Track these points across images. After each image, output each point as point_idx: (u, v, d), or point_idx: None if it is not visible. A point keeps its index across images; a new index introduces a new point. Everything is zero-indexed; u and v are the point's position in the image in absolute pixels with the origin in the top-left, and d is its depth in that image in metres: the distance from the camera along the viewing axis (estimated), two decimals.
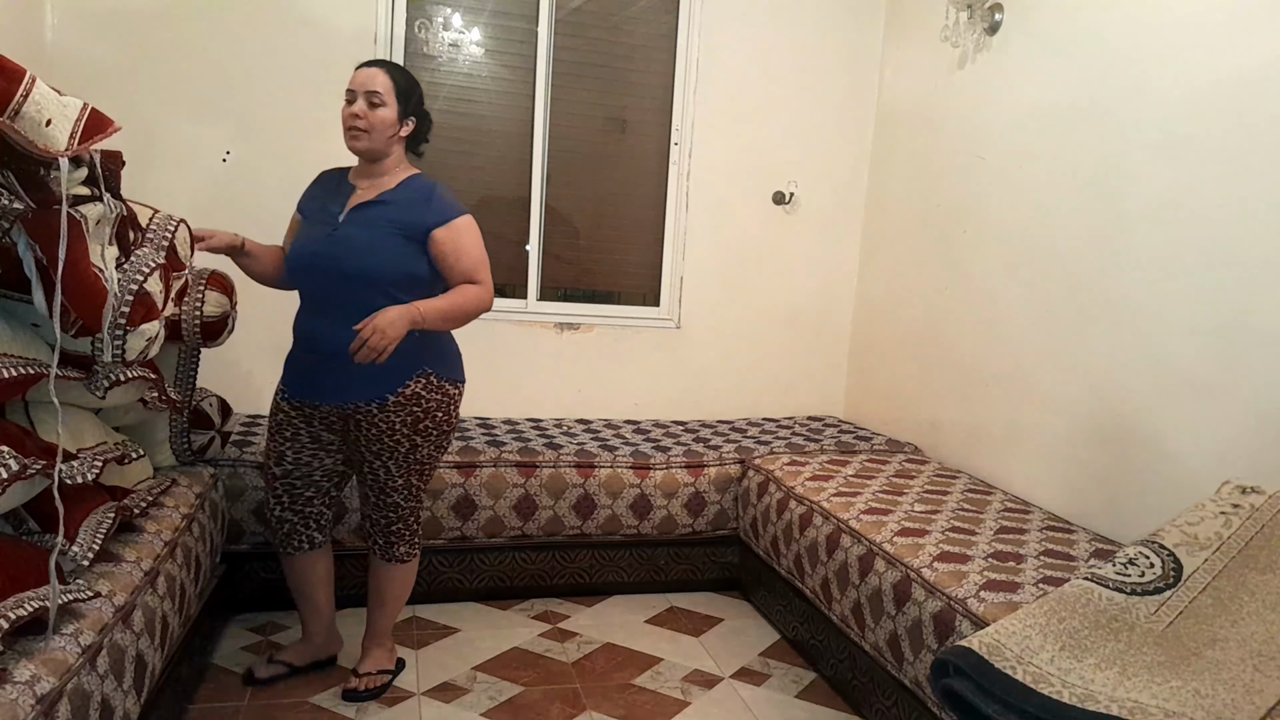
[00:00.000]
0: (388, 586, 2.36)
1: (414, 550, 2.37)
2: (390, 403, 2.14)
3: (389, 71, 2.15)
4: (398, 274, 2.11)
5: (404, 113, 2.16)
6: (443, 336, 2.24)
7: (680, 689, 2.53)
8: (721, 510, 3.18)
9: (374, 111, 2.11)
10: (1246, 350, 2.19)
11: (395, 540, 2.31)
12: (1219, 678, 1.47)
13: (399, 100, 2.14)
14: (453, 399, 2.26)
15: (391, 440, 2.18)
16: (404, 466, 2.22)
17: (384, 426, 2.15)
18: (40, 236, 1.33)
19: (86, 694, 1.45)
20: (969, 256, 3.24)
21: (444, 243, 2.14)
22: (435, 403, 2.19)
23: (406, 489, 2.27)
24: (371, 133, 2.12)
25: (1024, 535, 2.43)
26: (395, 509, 2.28)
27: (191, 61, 3.11)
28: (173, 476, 2.31)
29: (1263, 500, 1.86)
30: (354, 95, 2.12)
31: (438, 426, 2.23)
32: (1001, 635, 1.57)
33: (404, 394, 2.14)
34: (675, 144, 3.73)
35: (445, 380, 2.22)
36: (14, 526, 1.63)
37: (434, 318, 2.09)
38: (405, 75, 2.19)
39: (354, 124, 2.11)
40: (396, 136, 2.17)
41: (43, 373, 1.57)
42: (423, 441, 2.21)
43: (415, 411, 2.17)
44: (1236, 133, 2.23)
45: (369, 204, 2.16)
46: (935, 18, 3.38)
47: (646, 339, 3.80)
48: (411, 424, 2.17)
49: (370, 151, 2.15)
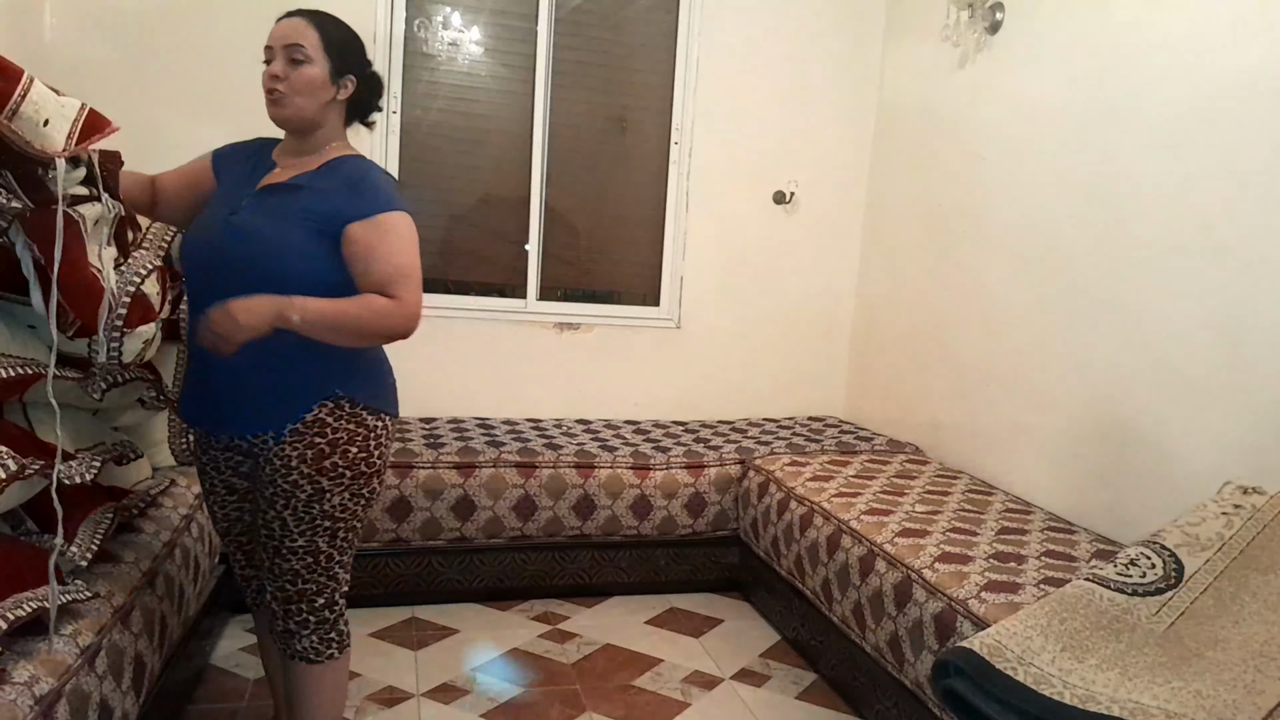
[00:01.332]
0: (296, 696, 1.79)
1: (326, 648, 1.76)
2: (288, 434, 1.65)
3: (313, 21, 1.70)
4: (304, 278, 1.62)
5: (337, 70, 1.70)
6: (364, 354, 1.74)
7: (680, 690, 2.52)
8: (722, 511, 3.18)
9: (296, 70, 1.66)
10: (1248, 350, 2.19)
11: (296, 629, 1.73)
12: (1220, 679, 1.47)
13: (329, 55, 1.69)
14: (373, 433, 1.72)
15: (288, 483, 1.66)
16: (304, 521, 1.68)
17: (279, 465, 1.66)
18: (38, 236, 1.33)
19: (85, 694, 1.45)
20: (970, 256, 3.23)
21: (357, 242, 1.63)
22: (346, 435, 1.68)
23: (310, 554, 1.70)
24: (294, 96, 1.66)
25: (1025, 536, 2.42)
26: (293, 580, 1.71)
27: (191, 61, 3.10)
28: (171, 477, 2.31)
29: (1264, 501, 1.85)
30: (271, 53, 1.68)
31: (350, 466, 1.69)
32: (1003, 636, 1.57)
33: (306, 423, 1.65)
34: (675, 143, 3.73)
35: (362, 408, 1.70)
36: (12, 527, 1.64)
37: (314, 320, 1.56)
38: (338, 25, 1.74)
39: (272, 86, 1.67)
40: (331, 101, 1.72)
41: (40, 373, 1.56)
42: (330, 486, 1.67)
43: (319, 445, 1.65)
44: (1237, 132, 2.23)
45: (279, 187, 1.70)
46: (936, 17, 3.38)
47: (646, 339, 3.80)
48: (313, 461, 1.65)
49: (296, 121, 1.70)
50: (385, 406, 1.77)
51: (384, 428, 1.76)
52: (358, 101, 1.78)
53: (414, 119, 3.44)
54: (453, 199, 3.57)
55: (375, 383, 1.77)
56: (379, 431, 1.74)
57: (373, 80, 1.80)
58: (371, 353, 1.78)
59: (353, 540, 1.78)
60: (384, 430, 1.76)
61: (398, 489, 2.82)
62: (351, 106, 1.78)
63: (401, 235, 1.67)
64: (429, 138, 3.47)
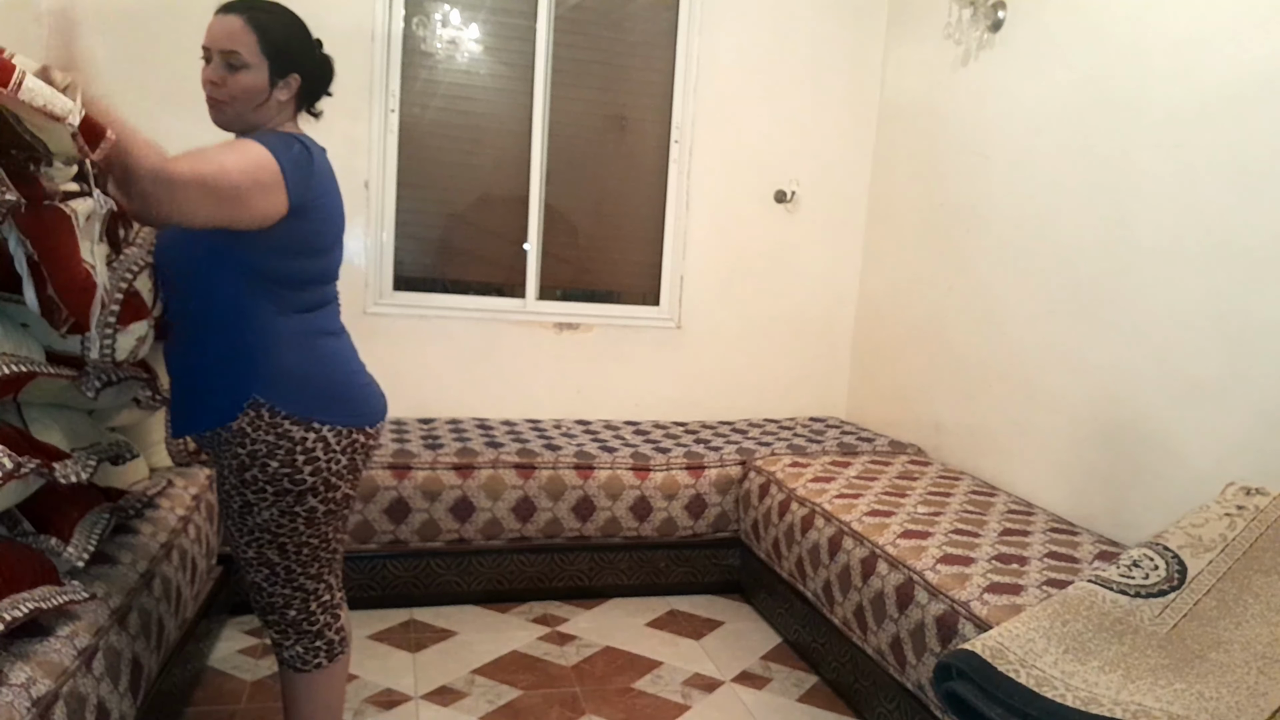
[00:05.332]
0: (289, 702, 1.77)
1: (313, 657, 1.72)
2: (222, 440, 1.59)
3: (250, 21, 1.56)
4: (223, 267, 1.54)
5: (277, 71, 1.58)
6: (298, 356, 1.60)
7: (681, 693, 2.51)
8: (722, 512, 3.17)
9: (233, 76, 1.55)
10: (1252, 351, 2.18)
11: (280, 637, 1.72)
12: (1223, 680, 1.46)
13: (268, 57, 1.57)
14: (300, 446, 1.57)
15: (223, 491, 1.63)
16: (245, 532, 1.63)
17: (218, 472, 1.64)
18: (31, 232, 1.31)
19: (82, 696, 1.44)
20: (972, 256, 3.23)
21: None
22: (266, 448, 1.55)
23: (263, 565, 1.65)
24: (232, 103, 1.57)
25: (1028, 537, 2.41)
26: (258, 592, 1.69)
27: (191, 61, 3.07)
28: (168, 478, 2.31)
29: (1267, 502, 1.84)
30: (209, 53, 1.58)
31: (271, 482, 1.57)
32: (1005, 638, 1.56)
33: (231, 430, 1.57)
34: (675, 142, 3.72)
35: (284, 417, 1.56)
36: (9, 528, 1.62)
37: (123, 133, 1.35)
38: (277, 20, 1.60)
39: (210, 93, 1.58)
40: (271, 103, 1.61)
41: (34, 371, 1.55)
42: (256, 500, 1.59)
43: (240, 455, 1.57)
44: (1241, 131, 2.22)
45: None
46: (938, 15, 3.37)
47: (646, 339, 3.79)
48: (237, 472, 1.58)
49: (238, 126, 1.61)
50: (322, 416, 1.59)
51: (316, 440, 1.58)
52: (306, 92, 1.66)
53: (412, 117, 3.43)
54: (451, 198, 3.56)
55: (308, 390, 1.59)
56: (309, 445, 1.57)
57: (321, 68, 1.67)
58: (309, 355, 1.63)
59: (315, 555, 1.67)
60: (318, 444, 1.58)
61: (396, 490, 2.81)
62: (300, 97, 1.66)
63: (239, 149, 1.50)
64: (428, 136, 3.47)
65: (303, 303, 1.63)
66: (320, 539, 1.68)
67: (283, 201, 1.52)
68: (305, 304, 1.63)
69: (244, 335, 1.57)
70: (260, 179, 1.48)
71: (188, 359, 1.63)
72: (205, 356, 1.60)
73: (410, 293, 3.52)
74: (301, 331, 1.62)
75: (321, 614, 1.72)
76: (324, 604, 1.73)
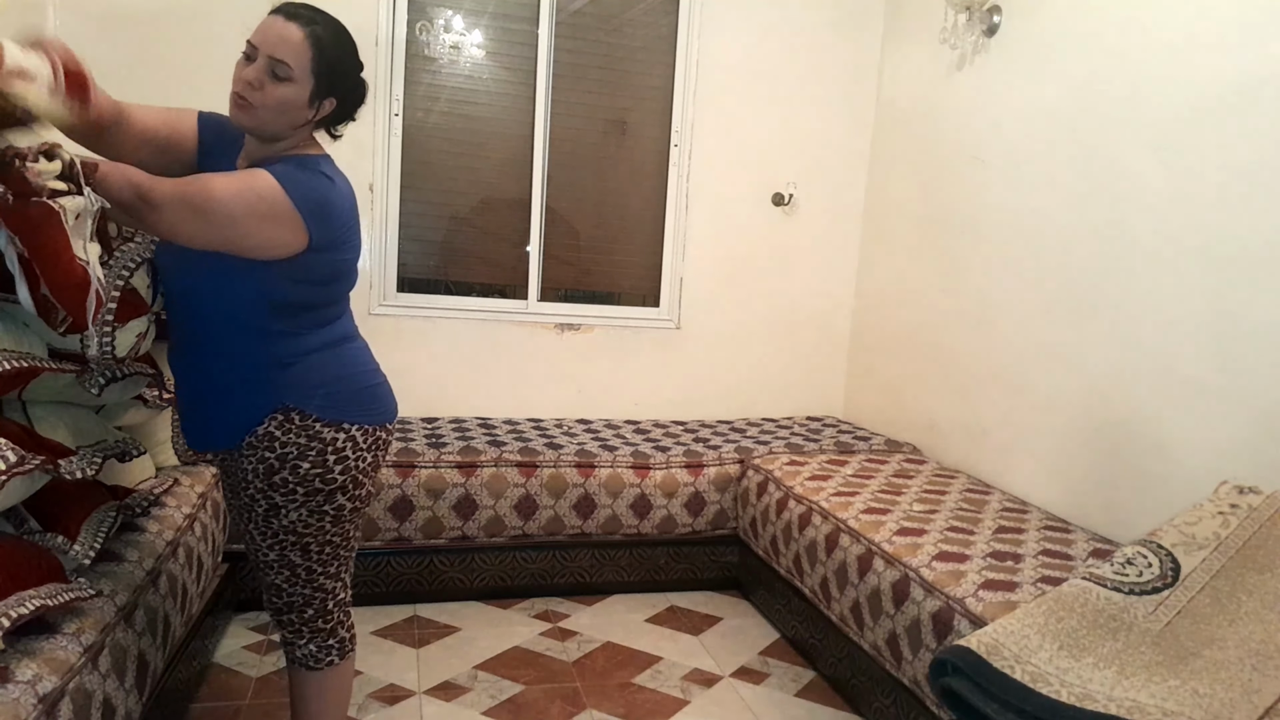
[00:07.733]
0: (299, 700, 1.78)
1: (326, 655, 1.74)
2: (244, 447, 1.61)
3: (311, 36, 1.50)
4: (242, 294, 1.54)
5: (319, 92, 1.54)
6: (324, 363, 1.63)
7: (680, 688, 2.53)
8: (721, 510, 3.19)
9: (275, 86, 1.50)
10: (1245, 350, 2.20)
11: (292, 638, 1.73)
12: (1217, 677, 1.48)
13: (315, 77, 1.52)
14: (332, 447, 1.61)
15: (247, 497, 1.64)
16: (269, 535, 1.65)
17: (240, 479, 1.65)
18: (18, 229, 1.30)
19: (88, 693, 1.46)
20: (967, 257, 3.24)
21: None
22: (297, 450, 1.59)
23: (285, 567, 1.67)
24: (262, 110, 1.51)
25: (1022, 535, 2.43)
26: (277, 593, 1.70)
27: (191, 61, 3.11)
28: (175, 476, 2.32)
29: (1260, 500, 1.86)
30: (255, 52, 1.50)
31: (302, 483, 1.60)
32: (1000, 634, 1.58)
33: (257, 436, 1.59)
34: (675, 145, 3.74)
35: (315, 420, 1.59)
36: (15, 525, 1.64)
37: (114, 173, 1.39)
38: (335, 42, 1.55)
39: (243, 92, 1.50)
40: (301, 122, 1.57)
41: (37, 366, 1.56)
42: (283, 501, 1.61)
43: (269, 459, 1.59)
44: (1234, 134, 2.24)
45: None
46: (934, 20, 3.39)
47: (646, 339, 3.81)
48: (265, 475, 1.60)
49: (257, 133, 1.57)
50: (351, 417, 1.63)
51: (347, 440, 1.62)
52: (335, 115, 1.62)
53: (416, 121, 3.45)
54: (454, 201, 3.58)
55: (337, 393, 1.63)
56: (340, 446, 1.62)
57: (356, 93, 1.62)
58: (335, 361, 1.65)
59: (336, 553, 1.70)
60: (348, 443, 1.62)
61: (400, 488, 2.83)
62: (326, 119, 1.62)
63: (240, 177, 1.48)
64: (430, 140, 3.49)
65: (324, 318, 1.65)
66: (343, 536, 1.71)
67: (297, 236, 1.51)
68: (327, 319, 1.66)
69: (268, 355, 1.59)
70: (259, 210, 1.47)
71: (210, 378, 1.62)
72: (228, 375, 1.60)
73: (414, 294, 3.54)
74: (325, 344, 1.64)
75: (336, 612, 1.75)
76: (339, 602, 1.75)
